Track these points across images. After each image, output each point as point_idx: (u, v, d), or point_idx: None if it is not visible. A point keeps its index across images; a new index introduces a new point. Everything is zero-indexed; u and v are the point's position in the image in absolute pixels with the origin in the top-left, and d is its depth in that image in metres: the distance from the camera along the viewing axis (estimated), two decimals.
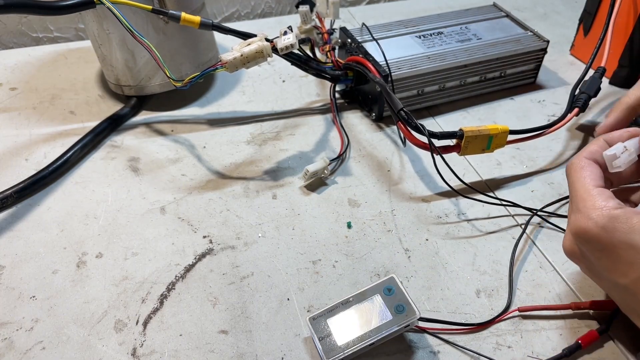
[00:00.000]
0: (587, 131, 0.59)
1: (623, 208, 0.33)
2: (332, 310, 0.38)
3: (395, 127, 0.60)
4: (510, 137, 0.50)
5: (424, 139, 0.48)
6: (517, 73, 0.65)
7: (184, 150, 0.57)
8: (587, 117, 0.61)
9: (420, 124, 0.48)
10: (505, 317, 0.40)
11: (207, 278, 0.44)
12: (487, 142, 0.49)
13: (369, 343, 0.36)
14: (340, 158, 0.55)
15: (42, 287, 0.43)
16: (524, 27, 0.66)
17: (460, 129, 0.48)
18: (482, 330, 0.40)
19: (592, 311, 0.41)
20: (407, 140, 0.50)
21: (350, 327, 0.37)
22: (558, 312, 0.41)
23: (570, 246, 0.36)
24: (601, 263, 0.34)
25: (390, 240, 0.47)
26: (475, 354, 0.38)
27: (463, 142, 0.48)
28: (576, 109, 0.53)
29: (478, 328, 0.40)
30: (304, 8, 0.58)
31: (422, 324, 0.39)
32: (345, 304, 0.38)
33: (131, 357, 0.38)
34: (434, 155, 0.48)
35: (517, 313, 0.41)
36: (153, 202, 0.51)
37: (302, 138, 0.59)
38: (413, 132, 0.49)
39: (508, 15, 0.69)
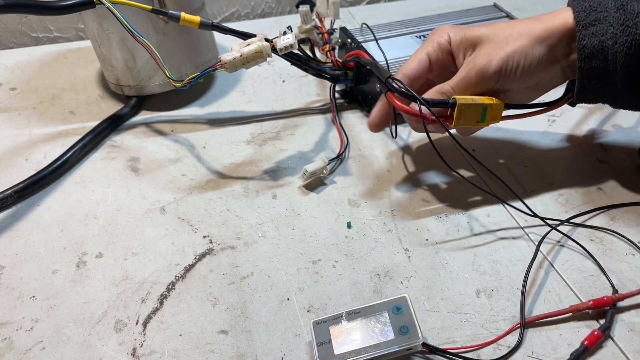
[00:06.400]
0: (586, 131, 0.59)
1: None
2: (337, 319, 0.38)
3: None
4: (508, 113, 0.47)
5: (416, 108, 0.44)
6: None
7: (184, 150, 0.57)
8: (585, 117, 0.61)
9: (410, 90, 0.44)
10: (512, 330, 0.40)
11: (207, 278, 0.44)
12: (482, 113, 0.45)
13: (365, 359, 0.35)
14: (339, 158, 0.55)
15: (42, 287, 0.43)
16: None
17: (453, 97, 0.44)
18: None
19: (590, 311, 0.40)
20: (397, 131, 0.47)
21: (350, 339, 0.36)
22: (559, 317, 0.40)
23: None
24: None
25: (390, 240, 0.47)
26: None
27: (456, 112, 0.44)
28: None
29: None
30: (304, 8, 0.58)
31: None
32: (351, 315, 0.38)
33: (131, 357, 0.38)
34: (427, 126, 0.45)
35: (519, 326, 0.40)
36: (153, 202, 0.51)
37: (301, 138, 0.59)
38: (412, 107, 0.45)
39: (508, 16, 0.69)
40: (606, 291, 0.42)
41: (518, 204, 0.49)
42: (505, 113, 0.47)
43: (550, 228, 0.47)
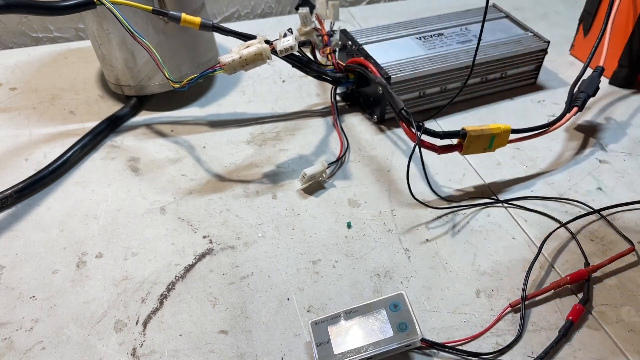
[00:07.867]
0: (586, 131, 0.59)
1: None
2: (335, 318, 0.38)
3: (395, 129, 0.60)
4: (511, 137, 0.50)
5: (430, 139, 0.48)
6: (518, 74, 0.65)
7: (184, 150, 0.57)
8: (585, 117, 0.61)
9: (419, 123, 0.48)
10: (502, 316, 0.41)
11: (207, 278, 0.44)
12: (489, 141, 0.49)
13: (365, 356, 0.36)
14: (339, 161, 0.55)
15: (42, 287, 0.43)
16: (524, 28, 0.66)
17: (463, 129, 0.48)
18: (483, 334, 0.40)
19: (570, 285, 0.42)
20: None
21: (349, 338, 0.37)
22: (542, 296, 0.42)
23: None
24: None
25: (390, 240, 0.47)
26: None
27: (465, 142, 0.48)
28: (575, 108, 0.53)
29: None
30: (304, 10, 0.57)
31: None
32: (349, 314, 0.38)
33: (131, 357, 0.38)
34: (421, 151, 0.48)
35: (509, 309, 0.41)
36: (153, 202, 0.51)
37: (302, 139, 0.59)
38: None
39: (508, 16, 0.69)
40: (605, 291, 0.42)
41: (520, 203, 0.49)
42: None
43: (551, 228, 0.47)
